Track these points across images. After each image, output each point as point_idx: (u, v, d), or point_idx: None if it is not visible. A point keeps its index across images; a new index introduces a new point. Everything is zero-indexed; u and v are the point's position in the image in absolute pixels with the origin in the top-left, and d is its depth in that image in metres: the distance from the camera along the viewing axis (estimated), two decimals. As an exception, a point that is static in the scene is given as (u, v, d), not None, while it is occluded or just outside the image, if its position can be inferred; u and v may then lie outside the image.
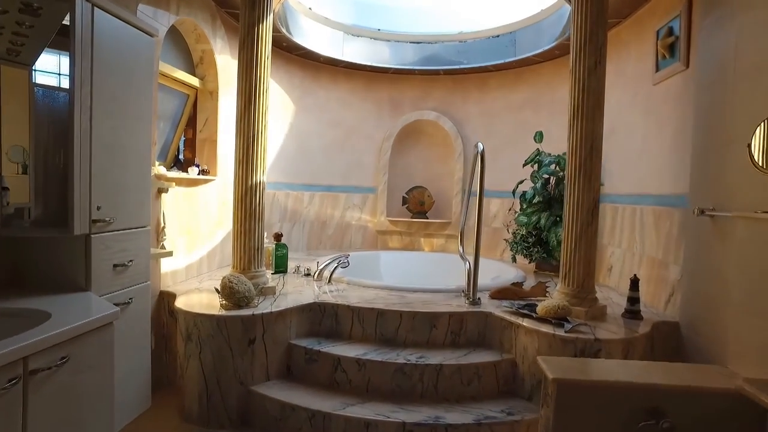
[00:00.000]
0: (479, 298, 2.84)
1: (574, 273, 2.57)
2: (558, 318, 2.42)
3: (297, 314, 2.67)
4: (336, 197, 4.83)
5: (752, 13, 2.04)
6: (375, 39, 4.54)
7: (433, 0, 4.66)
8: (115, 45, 1.95)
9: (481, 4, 4.45)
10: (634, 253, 3.04)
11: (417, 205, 4.93)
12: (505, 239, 4.25)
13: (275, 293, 2.85)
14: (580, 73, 2.52)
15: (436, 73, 4.68)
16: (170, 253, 2.59)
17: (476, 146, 2.96)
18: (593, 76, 2.50)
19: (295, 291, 2.97)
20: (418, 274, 4.19)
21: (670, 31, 2.66)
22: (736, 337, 2.02)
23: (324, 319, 2.75)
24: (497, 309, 2.70)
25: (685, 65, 2.54)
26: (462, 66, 4.49)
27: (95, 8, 1.82)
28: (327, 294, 2.93)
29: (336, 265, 3.28)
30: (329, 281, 3.23)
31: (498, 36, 4.32)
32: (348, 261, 3.34)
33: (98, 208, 1.88)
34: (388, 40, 4.57)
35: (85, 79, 1.79)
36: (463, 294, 3.02)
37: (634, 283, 2.56)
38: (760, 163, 1.63)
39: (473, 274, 2.85)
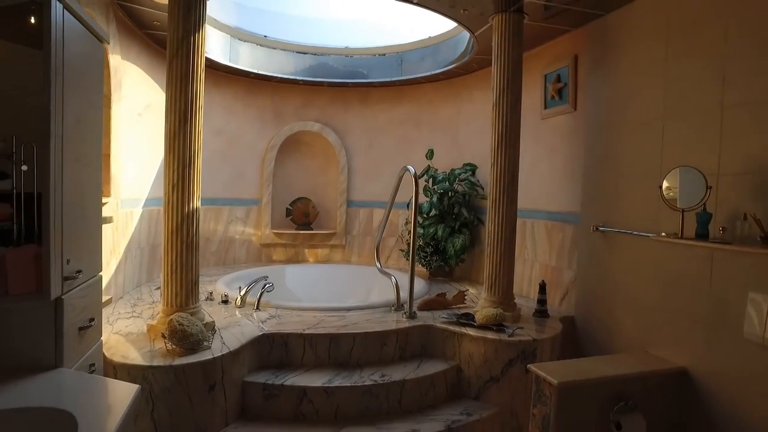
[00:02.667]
0: (415, 312, 3.06)
1: (499, 283, 2.97)
2: (496, 324, 2.78)
3: (248, 349, 2.51)
4: (219, 211, 4.50)
5: (629, 78, 2.68)
6: (261, 45, 4.34)
7: (320, 12, 4.66)
8: (78, 55, 1.60)
9: (368, 22, 4.62)
10: (525, 259, 3.62)
11: (302, 216, 4.89)
12: (401, 249, 4.56)
13: (214, 329, 2.61)
14: (503, 111, 2.91)
15: (320, 84, 4.70)
16: (110, 301, 2.17)
17: (407, 169, 3.15)
18: (514, 112, 2.91)
19: (231, 323, 2.76)
20: (333, 288, 4.21)
21: (559, 78, 3.25)
22: (623, 326, 2.65)
23: (273, 350, 2.64)
24: (436, 321, 2.95)
25: (573, 108, 3.15)
26: (349, 80, 4.60)
27: (65, 11, 1.47)
28: (265, 323, 2.79)
29: (261, 290, 3.12)
30: (257, 308, 3.06)
31: (384, 54, 4.56)
32: (272, 284, 3.20)
33: (68, 262, 1.53)
34: (275, 48, 4.42)
35: (58, 104, 1.44)
36: (392, 308, 3.20)
37: (542, 287, 3.09)
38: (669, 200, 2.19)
39: (410, 291, 3.04)
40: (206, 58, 3.87)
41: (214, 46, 3.97)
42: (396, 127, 4.85)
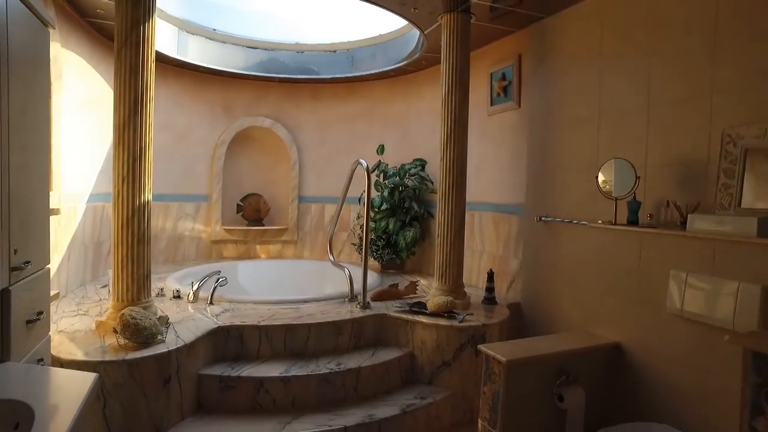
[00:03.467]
0: (369, 302, 3.13)
1: (449, 272, 3.09)
2: (447, 312, 2.90)
3: (204, 342, 2.50)
4: (167, 207, 4.39)
5: (568, 77, 2.87)
6: (211, 39, 4.27)
7: (271, 7, 4.63)
8: (22, 40, 1.55)
9: (319, 19, 4.64)
10: (474, 250, 3.78)
11: (253, 212, 4.85)
12: (352, 243, 4.61)
13: (168, 322, 2.58)
14: (452, 108, 3.03)
15: (271, 79, 4.68)
16: (57, 295, 2.10)
17: (359, 162, 3.21)
18: (462, 110, 3.04)
19: (184, 317, 2.73)
20: (286, 283, 4.20)
21: (504, 76, 3.41)
22: (565, 308, 2.84)
23: (228, 342, 2.63)
24: (389, 310, 3.03)
25: (517, 105, 3.32)
26: (300, 76, 4.61)
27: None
28: (219, 316, 2.78)
29: (215, 284, 3.09)
30: (211, 302, 3.03)
31: (335, 51, 4.60)
32: (226, 278, 3.18)
33: (15, 252, 1.49)
34: (224, 42, 4.36)
35: (3, 92, 1.40)
36: (346, 300, 3.26)
37: (490, 276, 3.24)
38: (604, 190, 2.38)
39: (363, 282, 3.11)
40: (156, 51, 3.79)
41: (162, 38, 3.87)
42: (347, 123, 4.90)
